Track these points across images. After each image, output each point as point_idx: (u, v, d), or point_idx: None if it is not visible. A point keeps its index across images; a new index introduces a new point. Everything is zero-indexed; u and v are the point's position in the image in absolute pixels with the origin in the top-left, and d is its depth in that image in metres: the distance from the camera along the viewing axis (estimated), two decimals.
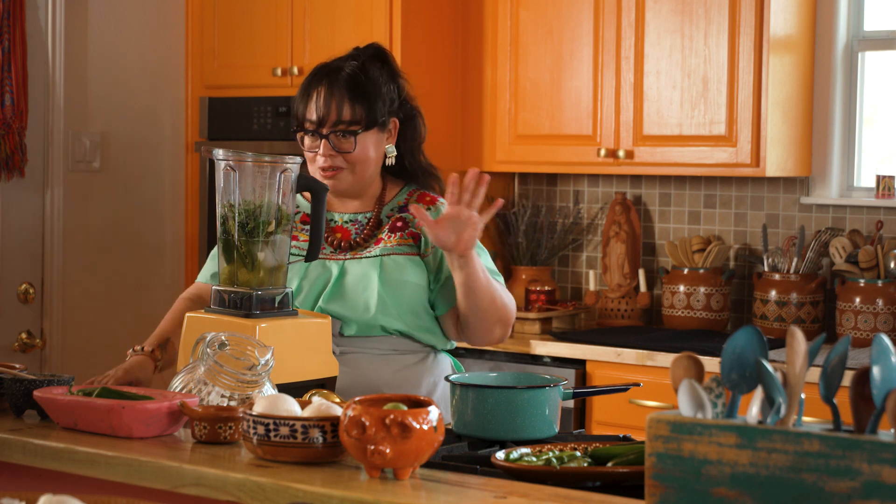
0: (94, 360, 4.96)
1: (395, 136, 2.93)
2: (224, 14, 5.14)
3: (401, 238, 2.89)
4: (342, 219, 2.95)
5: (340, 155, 2.86)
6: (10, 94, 4.61)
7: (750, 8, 4.29)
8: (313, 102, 2.87)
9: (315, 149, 2.88)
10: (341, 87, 2.86)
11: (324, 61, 2.97)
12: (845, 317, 4.27)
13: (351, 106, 2.85)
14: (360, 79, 2.87)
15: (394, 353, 2.86)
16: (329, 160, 2.86)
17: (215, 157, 2.69)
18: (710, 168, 4.44)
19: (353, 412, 2.00)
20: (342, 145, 2.85)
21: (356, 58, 2.93)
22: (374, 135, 2.88)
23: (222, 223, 2.70)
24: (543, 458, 2.15)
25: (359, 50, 2.97)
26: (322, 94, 2.86)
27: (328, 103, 2.85)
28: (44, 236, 4.83)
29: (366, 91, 2.86)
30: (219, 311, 2.68)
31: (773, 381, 1.78)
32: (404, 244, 2.88)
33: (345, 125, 2.85)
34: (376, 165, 2.91)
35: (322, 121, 2.86)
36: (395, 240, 2.88)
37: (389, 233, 2.89)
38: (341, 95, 2.85)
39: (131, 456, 2.17)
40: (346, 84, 2.86)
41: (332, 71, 2.90)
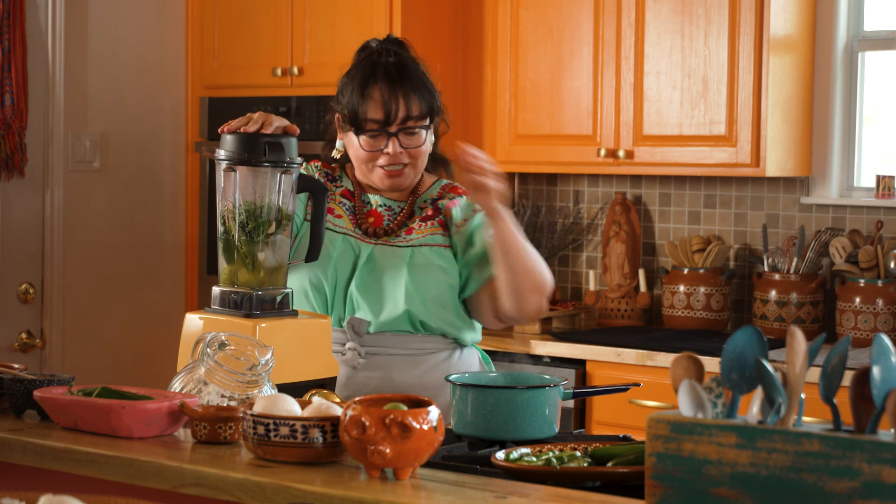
0: (94, 360, 4.96)
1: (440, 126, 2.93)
2: (224, 14, 5.14)
3: (432, 227, 2.87)
4: (376, 202, 2.93)
5: (406, 151, 2.82)
6: (10, 94, 4.61)
7: (750, 8, 4.29)
8: (375, 100, 2.80)
9: (377, 148, 2.82)
10: (403, 81, 2.80)
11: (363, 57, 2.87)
12: (845, 317, 4.27)
13: (417, 100, 2.80)
14: (414, 69, 2.83)
15: (420, 352, 2.84)
16: (394, 158, 2.82)
17: (216, 156, 2.69)
18: (710, 168, 4.44)
19: (353, 412, 2.00)
20: (409, 141, 2.82)
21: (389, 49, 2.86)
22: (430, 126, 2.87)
23: (222, 223, 2.70)
24: (543, 458, 2.15)
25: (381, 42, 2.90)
26: (386, 91, 2.79)
27: (395, 99, 2.79)
28: (44, 236, 4.83)
29: (424, 82, 2.83)
30: (219, 311, 2.68)
31: (773, 381, 1.78)
32: (436, 233, 2.87)
33: (414, 120, 2.81)
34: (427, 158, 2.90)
35: (390, 119, 2.79)
36: (426, 229, 2.87)
37: (420, 222, 2.88)
38: (405, 90, 2.80)
39: (131, 456, 2.17)
40: (407, 77, 2.80)
41: (382, 66, 2.82)
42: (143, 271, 5.15)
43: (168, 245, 5.23)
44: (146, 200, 5.16)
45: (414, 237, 2.87)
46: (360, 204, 2.93)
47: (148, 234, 5.16)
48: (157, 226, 5.20)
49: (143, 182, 5.14)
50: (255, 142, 2.65)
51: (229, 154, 2.66)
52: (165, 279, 5.22)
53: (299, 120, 4.91)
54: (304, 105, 4.91)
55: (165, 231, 5.22)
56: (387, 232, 2.89)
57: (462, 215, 2.89)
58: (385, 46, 2.89)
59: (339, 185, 2.96)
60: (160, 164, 5.20)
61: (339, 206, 2.93)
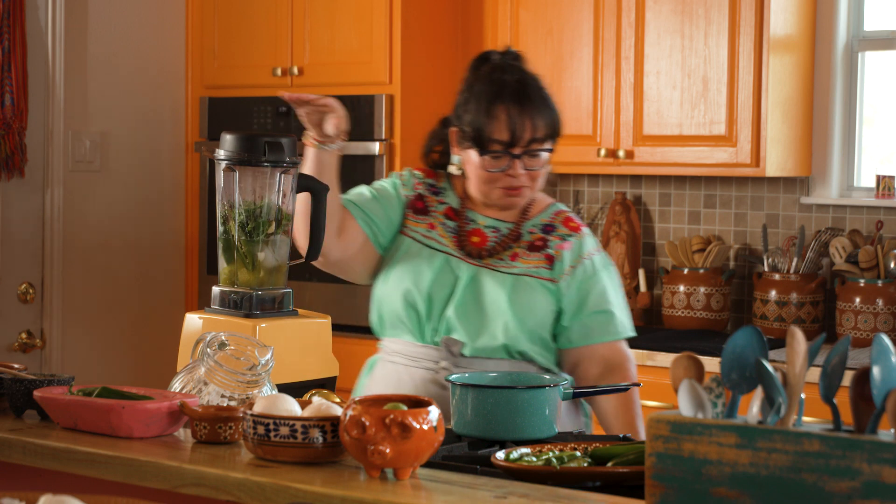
0: (94, 360, 4.96)
1: None
2: (224, 14, 5.14)
3: (538, 260, 2.82)
4: (483, 222, 2.88)
5: (528, 173, 2.77)
6: (10, 94, 4.61)
7: (750, 8, 4.29)
8: (500, 122, 2.74)
9: (498, 168, 2.77)
10: (529, 103, 2.75)
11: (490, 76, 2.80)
12: (845, 317, 4.27)
13: (543, 122, 2.76)
14: (539, 89, 2.79)
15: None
16: (517, 180, 2.76)
17: (216, 157, 2.69)
18: (710, 168, 4.44)
19: (353, 412, 2.00)
20: (532, 163, 2.77)
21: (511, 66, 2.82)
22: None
23: (222, 223, 2.70)
24: (543, 458, 2.15)
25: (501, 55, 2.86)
26: (512, 112, 2.74)
27: (521, 122, 2.74)
28: (44, 236, 4.83)
29: (547, 102, 2.78)
30: (219, 311, 2.68)
31: (773, 381, 1.78)
32: (541, 266, 2.82)
33: (539, 142, 2.76)
34: None
35: (515, 141, 2.74)
36: (531, 260, 2.82)
37: (528, 251, 2.83)
38: (532, 112, 2.75)
39: (131, 456, 2.17)
40: (532, 98, 2.76)
41: (509, 86, 2.77)
42: (143, 271, 5.15)
43: (168, 245, 5.23)
44: (146, 200, 5.16)
45: (518, 265, 2.82)
46: (463, 223, 2.87)
47: (148, 234, 5.16)
48: (157, 226, 5.20)
49: (143, 182, 5.14)
50: (254, 142, 2.65)
51: (229, 154, 2.67)
52: (165, 279, 5.22)
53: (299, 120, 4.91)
54: None
55: (165, 231, 5.22)
56: (490, 253, 2.83)
57: (571, 261, 2.83)
58: (507, 62, 2.84)
59: (443, 202, 2.90)
60: (160, 164, 5.20)
61: (442, 225, 2.88)
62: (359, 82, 4.81)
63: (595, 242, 2.91)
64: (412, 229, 2.89)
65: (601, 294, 2.85)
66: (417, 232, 2.89)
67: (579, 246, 2.86)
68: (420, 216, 2.90)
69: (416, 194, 2.92)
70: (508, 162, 2.76)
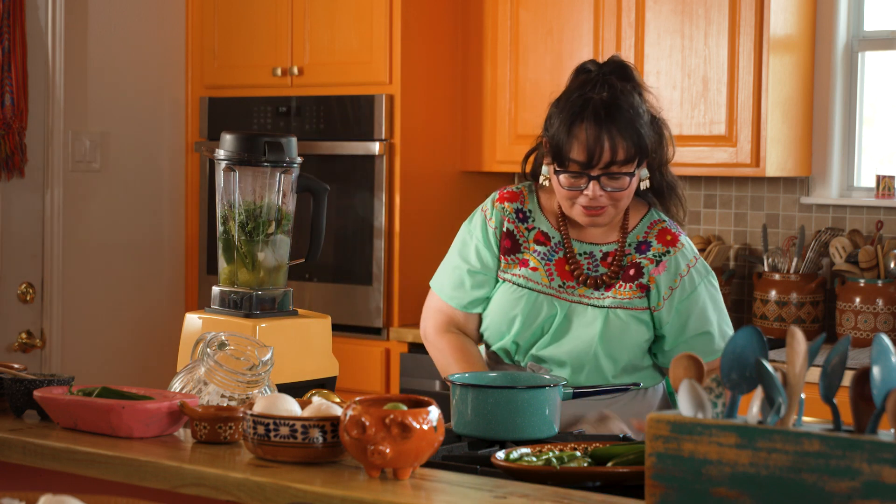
0: (94, 360, 4.96)
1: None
2: (224, 14, 5.14)
3: (631, 291, 2.74)
4: (577, 249, 2.79)
5: (608, 194, 2.67)
6: (10, 94, 4.61)
7: (750, 8, 4.29)
8: (579, 141, 2.65)
9: (576, 187, 2.68)
10: (610, 124, 2.64)
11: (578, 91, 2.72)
12: (845, 317, 4.27)
13: (624, 144, 2.64)
14: (626, 110, 2.66)
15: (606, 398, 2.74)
16: (595, 200, 2.67)
17: (216, 157, 2.69)
18: (710, 168, 4.44)
19: (353, 412, 2.00)
20: (611, 184, 2.67)
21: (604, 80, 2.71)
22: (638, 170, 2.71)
23: (222, 223, 2.70)
24: (543, 458, 2.15)
25: (599, 67, 2.77)
26: (591, 132, 2.64)
27: (600, 143, 2.64)
28: (44, 236, 4.83)
29: (632, 124, 2.66)
30: (219, 311, 2.69)
31: (773, 381, 1.78)
32: (634, 297, 2.74)
33: (618, 165, 2.65)
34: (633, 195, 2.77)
35: (592, 162, 2.65)
36: (626, 291, 2.74)
37: (622, 282, 2.75)
38: (612, 133, 2.64)
39: (131, 456, 2.17)
40: (615, 119, 2.65)
41: (593, 104, 2.67)
42: (143, 271, 5.15)
43: (168, 245, 5.23)
44: (146, 200, 5.16)
45: (612, 296, 2.74)
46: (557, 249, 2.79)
47: (148, 234, 5.16)
48: (157, 226, 5.20)
49: (143, 182, 5.14)
50: (254, 142, 2.65)
51: (229, 154, 2.67)
52: (165, 279, 5.22)
53: (299, 120, 4.92)
54: (304, 105, 4.91)
55: (165, 231, 5.22)
56: (584, 283, 2.76)
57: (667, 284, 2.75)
58: (602, 74, 2.74)
59: (533, 227, 2.82)
60: (160, 164, 5.20)
61: (533, 255, 2.79)
62: (359, 82, 4.81)
63: (691, 251, 2.80)
64: (506, 272, 2.81)
65: (700, 314, 2.77)
66: (510, 273, 2.80)
67: (675, 265, 2.76)
68: (511, 255, 2.81)
69: (505, 231, 2.82)
70: (586, 182, 2.67)
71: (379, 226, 4.73)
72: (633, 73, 2.77)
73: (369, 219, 4.75)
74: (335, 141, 4.82)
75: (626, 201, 2.72)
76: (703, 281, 2.79)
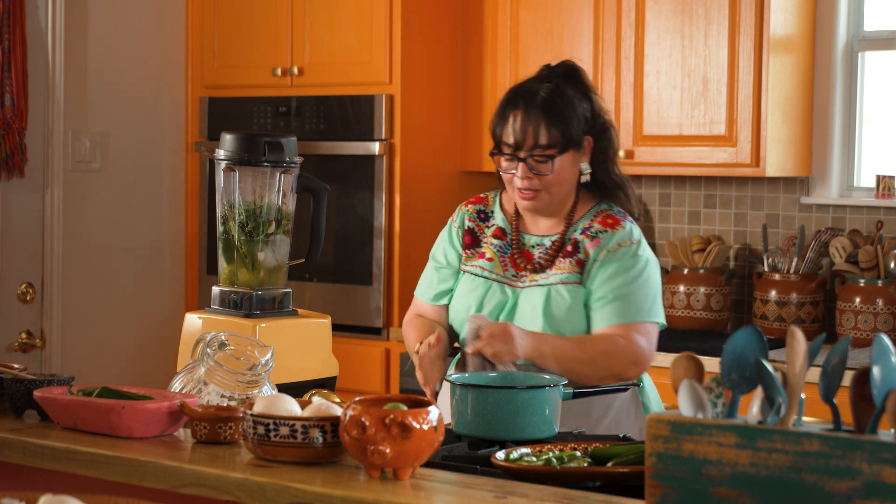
0: (94, 360, 4.96)
1: (589, 153, 2.92)
2: (224, 14, 5.14)
3: (570, 266, 2.87)
4: (530, 241, 2.95)
5: (537, 177, 2.85)
6: (10, 94, 4.61)
7: (750, 8, 4.29)
8: (510, 126, 2.86)
9: (512, 170, 2.88)
10: (537, 111, 2.85)
11: (518, 82, 2.96)
12: (845, 317, 4.27)
13: (547, 130, 2.84)
14: (556, 101, 2.87)
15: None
16: (527, 182, 2.85)
17: (216, 157, 2.69)
18: (710, 168, 4.44)
19: (353, 412, 2.00)
20: (539, 168, 2.85)
21: (549, 78, 2.92)
22: (569, 156, 2.87)
23: (222, 223, 2.70)
24: (543, 458, 2.15)
25: (551, 69, 2.97)
26: (519, 118, 2.85)
27: (525, 127, 2.84)
28: (44, 236, 4.83)
29: (561, 114, 2.86)
30: (219, 311, 2.69)
31: (773, 381, 1.78)
32: (573, 272, 2.87)
33: (541, 149, 2.84)
34: (571, 184, 2.91)
35: (519, 145, 2.85)
36: (565, 267, 2.87)
37: (561, 258, 2.89)
38: (538, 119, 2.84)
39: (131, 456, 2.17)
40: (543, 107, 2.85)
41: (527, 93, 2.88)
42: (143, 271, 5.15)
43: (168, 245, 5.23)
44: (146, 200, 5.15)
45: (553, 274, 2.87)
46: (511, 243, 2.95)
47: (148, 234, 5.16)
48: (157, 226, 5.20)
49: (143, 182, 5.14)
50: (254, 142, 2.65)
51: (229, 154, 2.67)
52: (165, 279, 5.22)
53: (299, 119, 4.92)
54: (304, 105, 4.91)
55: (165, 231, 5.22)
56: (535, 269, 2.89)
57: (596, 256, 2.87)
58: (550, 73, 2.94)
59: (492, 224, 3.00)
60: (160, 164, 5.20)
61: (490, 247, 2.96)
62: (359, 82, 4.81)
63: (631, 235, 2.91)
64: (466, 264, 2.98)
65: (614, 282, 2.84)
66: (469, 265, 2.97)
67: (607, 241, 2.88)
68: (471, 249, 2.99)
69: (466, 229, 3.02)
70: (516, 164, 2.86)
71: (379, 226, 4.73)
72: (580, 77, 2.96)
73: (369, 219, 4.75)
74: (335, 141, 4.82)
75: (559, 188, 2.88)
76: (631, 259, 2.87)
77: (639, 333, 2.83)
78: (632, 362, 2.81)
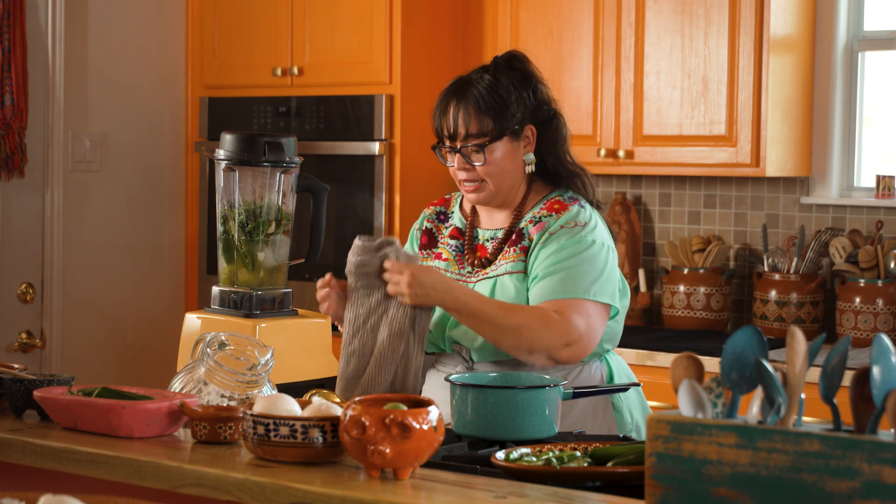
0: (94, 360, 4.96)
1: (534, 142, 2.88)
2: (224, 14, 5.14)
3: (515, 254, 2.83)
4: (484, 236, 2.92)
5: (474, 168, 2.83)
6: (10, 94, 4.61)
7: (750, 8, 4.29)
8: (446, 117, 2.85)
9: (449, 162, 2.87)
10: (468, 101, 2.83)
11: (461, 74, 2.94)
12: (845, 317, 4.27)
13: (478, 119, 2.81)
14: (488, 91, 2.84)
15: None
16: (465, 173, 2.84)
17: (216, 157, 2.69)
18: (710, 168, 4.44)
19: (353, 412, 2.00)
20: (473, 157, 2.82)
21: (489, 68, 2.91)
22: (506, 145, 2.83)
23: (222, 223, 2.70)
24: (543, 458, 2.15)
25: (496, 58, 2.95)
26: (451, 109, 2.84)
27: (456, 118, 2.82)
28: (44, 236, 4.83)
29: (491, 103, 2.83)
30: (219, 311, 2.69)
31: (773, 381, 1.78)
32: (518, 260, 2.82)
33: (473, 138, 2.81)
34: (515, 174, 2.87)
35: (453, 135, 2.83)
36: (511, 255, 2.83)
37: (507, 248, 2.85)
38: (467, 109, 2.82)
39: (131, 456, 2.17)
40: (473, 97, 2.83)
41: (463, 84, 2.87)
42: (143, 271, 5.15)
43: (168, 245, 5.23)
44: (146, 200, 5.16)
45: (500, 265, 2.83)
46: (467, 240, 2.93)
47: (148, 234, 5.16)
48: (157, 226, 5.20)
49: (143, 182, 5.14)
50: (254, 142, 2.65)
51: (229, 154, 2.67)
52: (165, 279, 5.22)
53: (299, 120, 4.92)
54: (304, 105, 4.91)
55: (165, 231, 5.22)
56: (489, 263, 2.86)
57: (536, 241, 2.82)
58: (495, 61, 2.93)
59: (449, 225, 2.98)
60: (160, 164, 5.20)
61: (446, 247, 2.93)
62: (359, 82, 4.81)
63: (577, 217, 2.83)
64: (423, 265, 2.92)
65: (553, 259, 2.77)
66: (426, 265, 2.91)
67: (550, 223, 2.82)
68: (428, 249, 2.95)
69: (424, 230, 2.99)
70: (452, 156, 2.84)
71: (379, 226, 4.73)
72: (523, 64, 2.93)
73: (369, 219, 4.75)
74: (335, 141, 4.82)
75: (500, 178, 2.83)
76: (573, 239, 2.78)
77: (575, 312, 2.69)
78: (564, 342, 2.67)
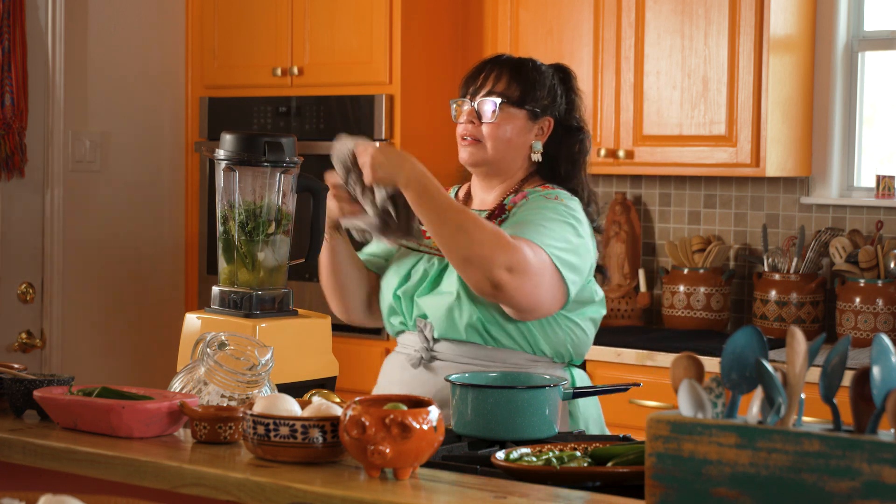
0: (94, 360, 4.96)
1: (547, 134, 2.88)
2: (224, 14, 5.14)
3: None
4: None
5: (480, 125, 2.85)
6: (10, 94, 4.61)
7: (750, 8, 4.30)
8: (477, 71, 2.90)
9: (459, 113, 2.90)
10: (504, 66, 2.89)
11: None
12: (845, 317, 4.27)
13: (507, 82, 2.85)
14: (528, 66, 2.88)
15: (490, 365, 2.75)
16: (469, 127, 2.86)
17: (216, 157, 2.69)
18: (710, 168, 4.44)
19: (353, 412, 2.00)
20: (483, 109, 2.84)
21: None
22: (519, 118, 2.85)
23: (222, 223, 2.70)
24: (543, 458, 2.15)
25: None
26: (486, 68, 2.89)
27: (488, 75, 2.87)
28: (44, 236, 4.83)
29: (526, 75, 2.86)
30: (219, 311, 2.68)
31: (773, 381, 1.78)
32: None
33: (494, 94, 2.84)
34: (515, 151, 2.86)
35: (477, 89, 2.88)
36: None
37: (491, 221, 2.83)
38: (501, 70, 2.87)
39: (131, 456, 2.17)
40: (512, 64, 2.89)
41: (504, 56, 2.94)
42: (143, 271, 5.15)
43: (168, 245, 5.23)
44: (146, 200, 5.16)
45: None
46: None
47: (148, 234, 5.16)
48: (157, 226, 5.20)
49: (143, 182, 5.14)
50: (254, 142, 2.65)
51: (229, 154, 2.67)
52: (165, 279, 5.22)
53: (299, 119, 4.91)
54: (304, 105, 4.91)
55: (165, 231, 5.22)
56: None
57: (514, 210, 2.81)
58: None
59: None
60: (160, 164, 5.20)
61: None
62: (359, 82, 4.81)
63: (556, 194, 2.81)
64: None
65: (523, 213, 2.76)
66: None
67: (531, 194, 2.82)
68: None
69: None
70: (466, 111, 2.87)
71: None
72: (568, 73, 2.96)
73: None
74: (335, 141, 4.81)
75: (497, 144, 2.83)
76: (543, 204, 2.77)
77: (529, 247, 2.64)
78: (506, 264, 2.60)
